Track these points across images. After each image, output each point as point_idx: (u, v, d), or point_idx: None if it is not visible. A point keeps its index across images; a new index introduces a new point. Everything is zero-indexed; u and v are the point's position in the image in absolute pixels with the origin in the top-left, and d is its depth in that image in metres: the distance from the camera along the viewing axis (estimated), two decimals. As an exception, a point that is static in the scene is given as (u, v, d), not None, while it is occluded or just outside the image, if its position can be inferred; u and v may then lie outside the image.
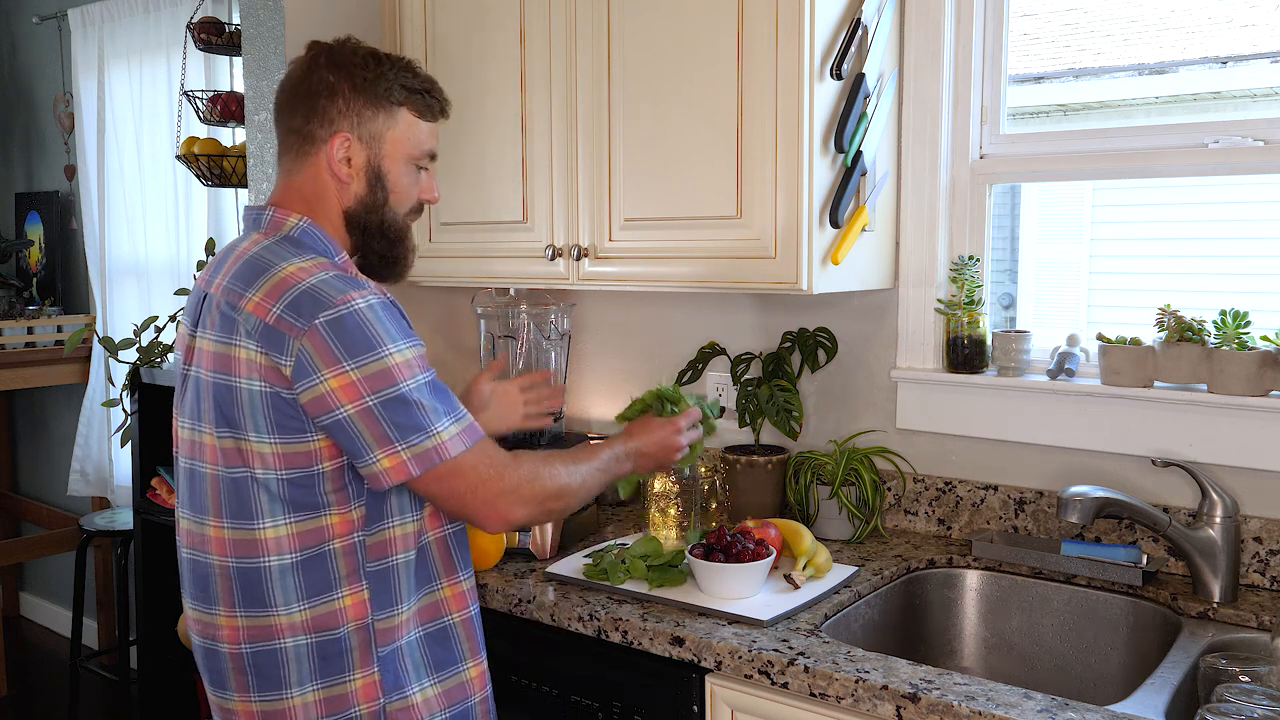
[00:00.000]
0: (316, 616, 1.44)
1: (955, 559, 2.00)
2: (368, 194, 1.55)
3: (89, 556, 4.12)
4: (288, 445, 1.41)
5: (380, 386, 1.37)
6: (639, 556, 1.86)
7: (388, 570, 1.48)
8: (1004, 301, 2.20)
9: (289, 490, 1.42)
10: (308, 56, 1.55)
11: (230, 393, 1.41)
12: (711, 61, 1.92)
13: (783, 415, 2.16)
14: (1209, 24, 2.04)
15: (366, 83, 1.51)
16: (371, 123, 1.52)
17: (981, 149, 2.09)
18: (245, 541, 1.44)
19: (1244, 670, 1.43)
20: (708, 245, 1.96)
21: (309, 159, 1.53)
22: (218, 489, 1.45)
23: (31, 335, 4.04)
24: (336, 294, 1.39)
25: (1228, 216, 2.08)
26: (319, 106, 1.51)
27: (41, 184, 4.53)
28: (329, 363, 1.36)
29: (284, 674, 1.45)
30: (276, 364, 1.38)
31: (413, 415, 1.39)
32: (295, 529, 1.43)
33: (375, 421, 1.37)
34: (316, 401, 1.38)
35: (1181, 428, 1.86)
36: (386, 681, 1.47)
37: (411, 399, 1.39)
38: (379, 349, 1.38)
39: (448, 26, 2.33)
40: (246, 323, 1.40)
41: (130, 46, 3.88)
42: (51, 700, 3.97)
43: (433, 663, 1.53)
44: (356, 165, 1.53)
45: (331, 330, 1.36)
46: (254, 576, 1.44)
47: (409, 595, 1.50)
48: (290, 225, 1.51)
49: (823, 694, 1.50)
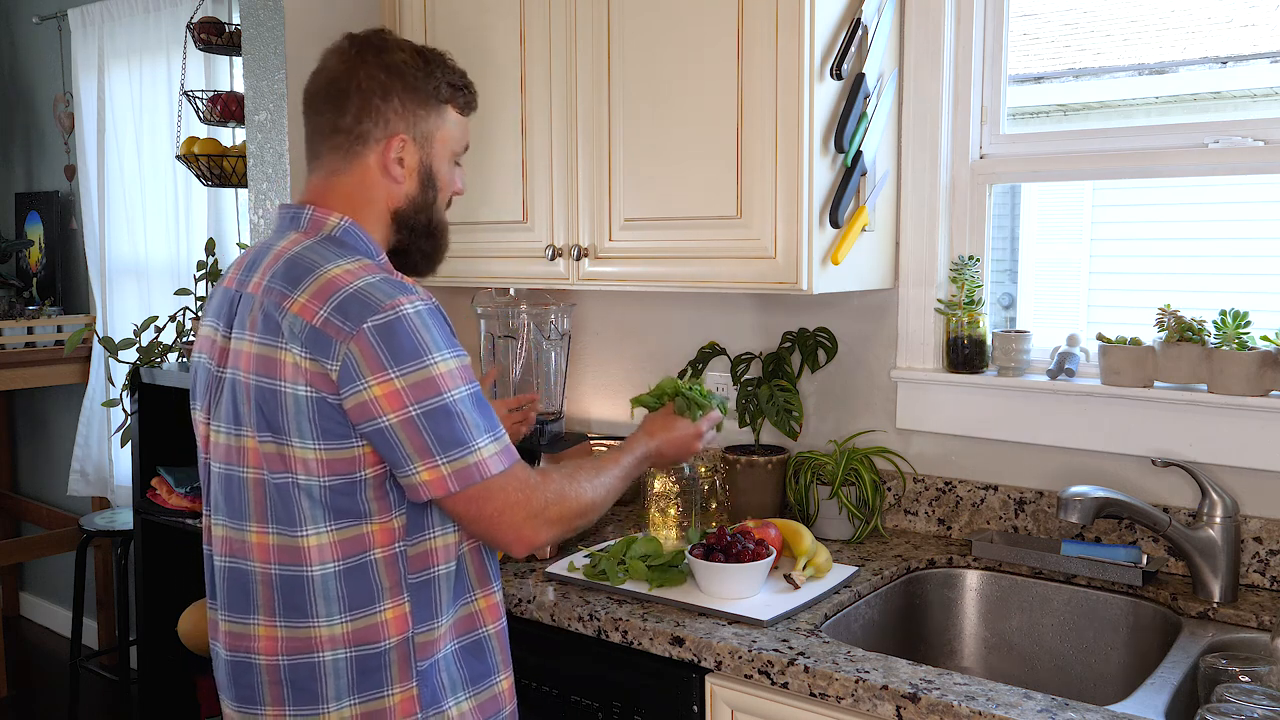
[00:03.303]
0: (358, 630, 1.41)
1: (955, 559, 2.00)
2: (419, 193, 1.53)
3: (89, 556, 4.12)
4: (331, 451, 1.37)
5: (424, 396, 1.34)
6: (639, 556, 1.86)
7: (429, 582, 1.45)
8: (1004, 301, 2.20)
9: (331, 497, 1.39)
10: (350, 52, 1.51)
11: (275, 397, 1.38)
12: (711, 61, 1.92)
13: (783, 415, 2.16)
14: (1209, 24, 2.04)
15: (418, 82, 1.50)
16: (424, 122, 1.51)
17: (981, 149, 2.09)
18: (288, 548, 1.40)
19: (1244, 670, 1.43)
20: (708, 245, 1.96)
21: (358, 158, 1.50)
22: (261, 494, 1.42)
23: (31, 335, 4.04)
24: (385, 298, 1.36)
25: (1228, 216, 2.08)
26: (372, 106, 1.48)
27: (41, 184, 4.53)
28: (375, 369, 1.33)
29: (321, 688, 1.42)
30: (323, 368, 1.34)
31: (455, 428, 1.36)
32: (336, 536, 1.40)
33: (417, 432, 1.34)
34: (360, 408, 1.34)
35: (1181, 428, 1.86)
36: (424, 696, 1.44)
37: (455, 410, 1.36)
38: (425, 357, 1.35)
39: (447, 26, 2.33)
40: (292, 325, 1.36)
41: (130, 46, 3.88)
42: (51, 700, 3.97)
43: (468, 676, 1.50)
44: (409, 165, 1.51)
45: (379, 336, 1.33)
46: (296, 584, 1.41)
47: (448, 608, 1.47)
48: (332, 225, 1.47)
49: (823, 694, 1.50)
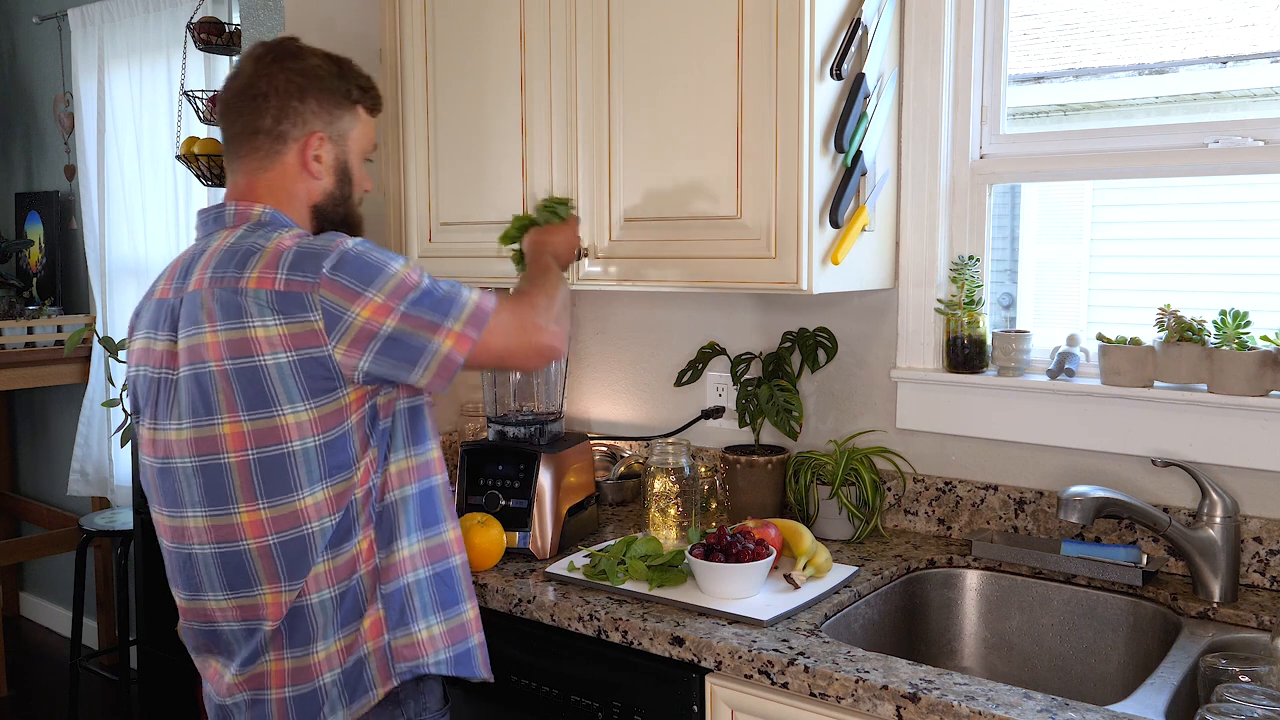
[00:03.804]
0: (338, 567, 1.51)
1: (955, 559, 2.00)
2: (336, 188, 1.64)
3: (89, 556, 4.12)
4: (322, 407, 1.46)
5: (405, 293, 1.47)
6: (639, 556, 1.86)
7: (389, 507, 1.54)
8: (1004, 301, 2.20)
9: (326, 454, 1.47)
10: (266, 58, 1.60)
11: (256, 373, 1.45)
12: (711, 61, 1.92)
13: (783, 415, 2.16)
14: (1209, 24, 2.04)
15: (332, 84, 1.61)
16: (339, 122, 1.62)
17: (981, 149, 2.09)
18: (286, 515, 1.48)
19: (1244, 670, 1.43)
20: (708, 245, 1.96)
21: (279, 157, 1.59)
22: (247, 474, 1.47)
23: (31, 335, 4.04)
24: (328, 243, 1.48)
25: (1228, 216, 2.08)
26: (290, 107, 1.58)
27: (41, 184, 4.53)
28: (352, 299, 1.44)
29: (313, 630, 1.51)
30: (306, 325, 1.44)
31: (443, 296, 1.50)
32: (332, 492, 1.49)
33: (418, 317, 1.47)
34: (357, 339, 1.44)
35: (1181, 428, 1.86)
36: (390, 618, 1.53)
37: (435, 288, 1.50)
38: (385, 269, 1.47)
39: (447, 26, 2.33)
40: (257, 299, 1.45)
41: (130, 46, 3.88)
42: (51, 700, 3.97)
43: (439, 602, 1.59)
44: (327, 162, 1.62)
45: (339, 272, 1.45)
46: (299, 546, 1.48)
47: (410, 532, 1.56)
48: (257, 214, 1.57)
49: (823, 694, 1.50)
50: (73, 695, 3.60)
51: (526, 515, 2.01)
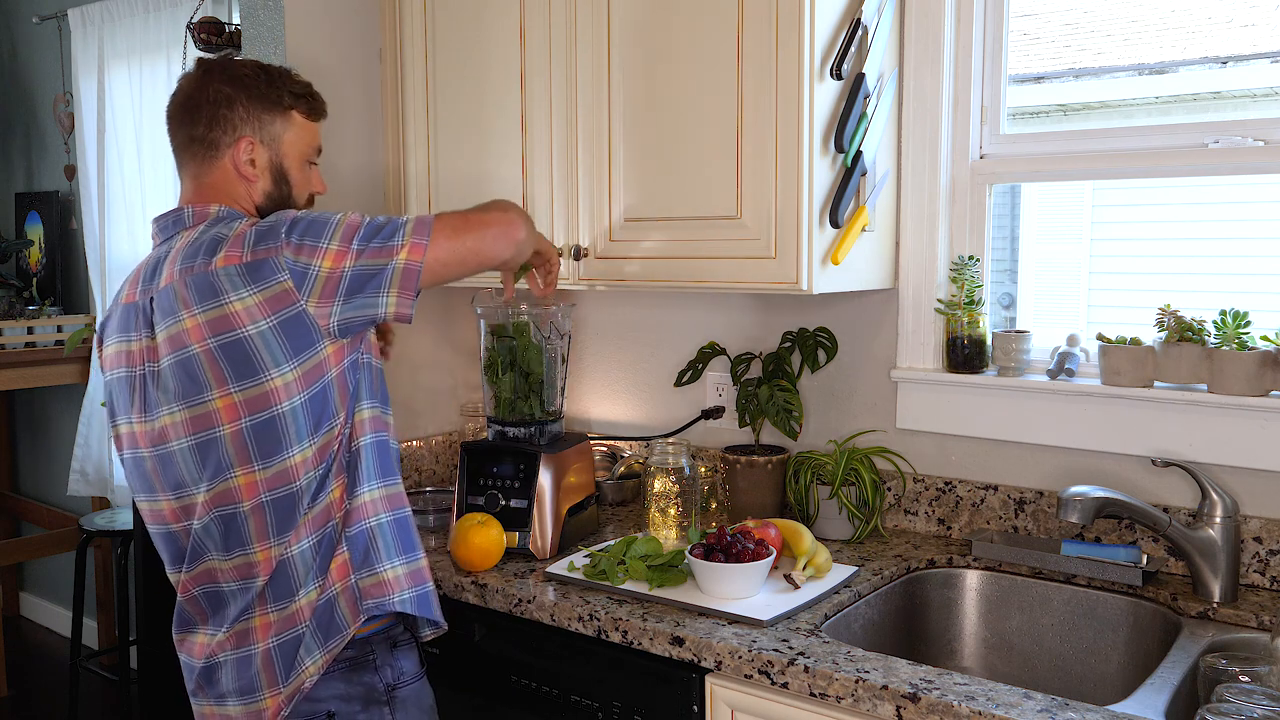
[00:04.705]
0: (316, 516, 1.58)
1: (955, 559, 2.00)
2: (273, 188, 1.72)
3: (89, 556, 4.12)
4: (304, 363, 1.54)
5: (353, 234, 1.56)
6: (639, 556, 1.86)
7: (356, 453, 1.61)
8: (1004, 301, 2.20)
9: (310, 409, 1.55)
10: (199, 72, 1.71)
11: (242, 345, 1.52)
12: (711, 61, 1.92)
13: (783, 415, 2.16)
14: (1209, 24, 2.04)
15: (260, 90, 1.69)
16: (270, 126, 1.70)
17: (981, 149, 2.09)
18: (279, 473, 1.55)
19: (1244, 670, 1.43)
20: (708, 245, 1.96)
21: (215, 162, 1.68)
22: (241, 441, 1.54)
23: (31, 335, 4.04)
24: (278, 217, 1.59)
25: (1228, 216, 2.07)
26: (220, 115, 1.67)
27: (41, 184, 4.53)
28: (312, 253, 1.54)
29: (295, 580, 1.57)
30: (278, 287, 1.52)
31: (386, 223, 1.59)
32: (317, 445, 1.56)
33: (372, 248, 1.55)
34: (325, 289, 1.53)
35: (1181, 428, 1.86)
36: (355, 559, 1.60)
37: (377, 220, 1.60)
38: (331, 220, 1.57)
39: (447, 26, 2.33)
40: (229, 276, 1.53)
41: (130, 46, 3.87)
42: (51, 700, 3.97)
43: (401, 546, 1.65)
44: (260, 165, 1.70)
45: (296, 235, 1.55)
46: (289, 503, 1.56)
47: (370, 479, 1.62)
48: (214, 211, 1.66)
49: (823, 694, 1.50)
50: (73, 695, 3.60)
51: (526, 515, 2.01)
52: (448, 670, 1.95)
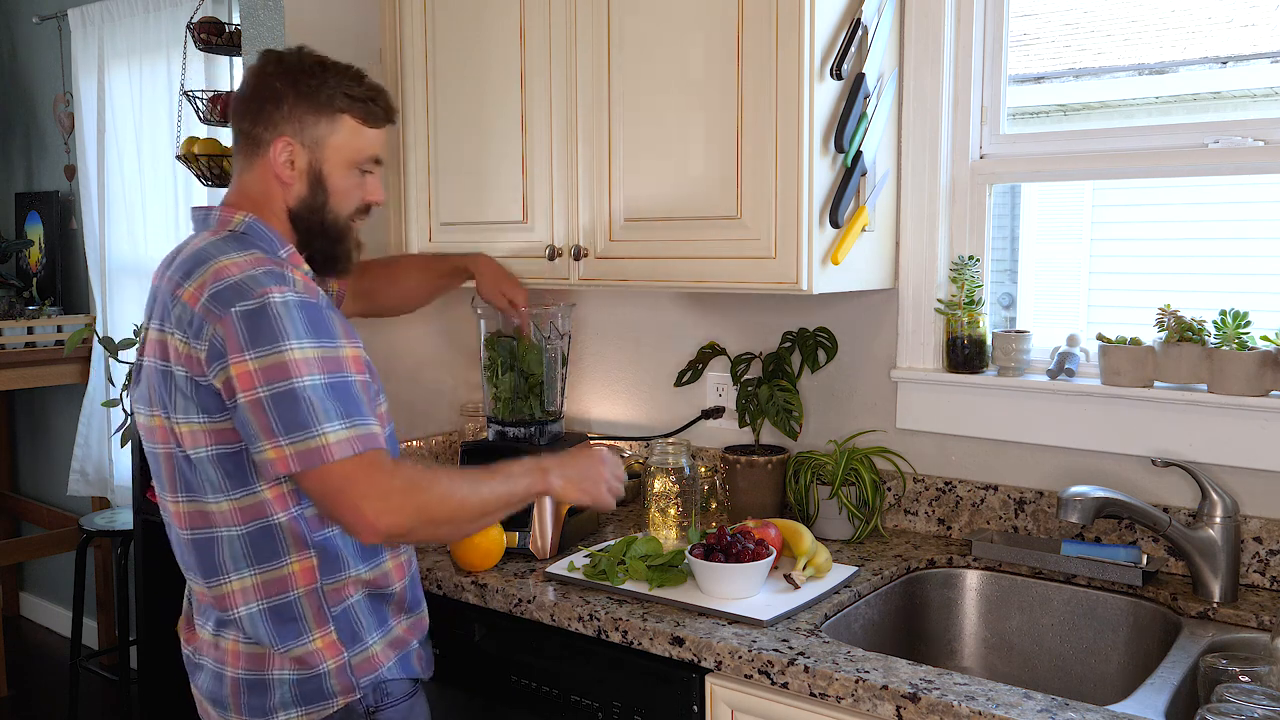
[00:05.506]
0: (267, 582, 1.54)
1: (955, 559, 2.00)
2: (309, 195, 1.62)
3: (89, 556, 4.12)
4: (214, 423, 1.47)
5: (273, 380, 1.41)
6: (639, 556, 1.86)
7: (331, 539, 1.55)
8: (1004, 301, 2.20)
9: (222, 465, 1.49)
10: (259, 64, 1.63)
11: (169, 378, 1.50)
12: (711, 61, 1.92)
13: (783, 415, 2.16)
14: (1209, 24, 2.04)
15: (310, 90, 1.59)
16: (314, 128, 1.60)
17: (981, 149, 2.09)
18: (199, 513, 1.53)
19: (1244, 670, 1.43)
20: (708, 245, 1.96)
21: (256, 160, 1.61)
22: (171, 466, 1.54)
23: (31, 335, 4.04)
24: (259, 287, 1.45)
25: (1228, 216, 2.07)
26: (265, 111, 1.59)
27: (41, 184, 4.53)
28: (234, 350, 1.42)
29: (304, 623, 1.56)
30: (194, 350, 1.45)
31: (300, 412, 1.41)
32: (235, 504, 1.50)
33: (263, 413, 1.41)
34: (225, 386, 1.44)
35: (1181, 428, 1.86)
36: (344, 637, 1.57)
37: (302, 396, 1.41)
38: (280, 343, 1.42)
39: (447, 26, 2.33)
40: (181, 312, 1.48)
41: (130, 46, 3.87)
42: (51, 700, 3.97)
43: (377, 621, 1.61)
44: (299, 168, 1.61)
45: (243, 320, 1.43)
46: (207, 546, 1.53)
47: (355, 562, 1.57)
48: (236, 222, 1.59)
49: (823, 694, 1.50)
50: (73, 695, 3.60)
51: (526, 515, 2.00)
52: (448, 670, 1.95)
